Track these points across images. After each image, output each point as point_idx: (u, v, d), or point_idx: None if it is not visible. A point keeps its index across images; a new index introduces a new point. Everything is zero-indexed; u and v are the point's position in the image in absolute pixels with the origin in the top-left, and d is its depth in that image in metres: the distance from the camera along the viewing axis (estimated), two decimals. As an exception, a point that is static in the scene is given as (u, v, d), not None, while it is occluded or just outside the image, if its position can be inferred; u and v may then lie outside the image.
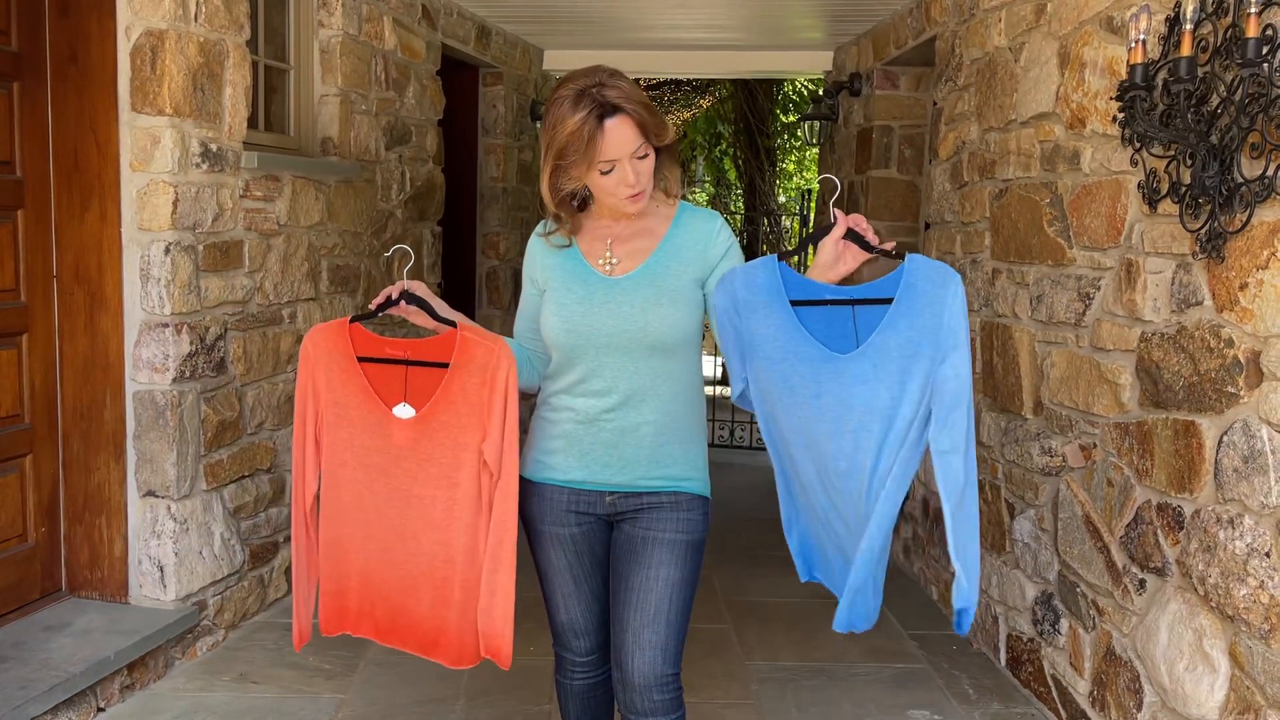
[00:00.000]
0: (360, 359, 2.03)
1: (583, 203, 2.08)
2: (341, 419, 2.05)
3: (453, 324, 2.03)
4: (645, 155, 1.94)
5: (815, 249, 1.96)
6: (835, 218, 1.91)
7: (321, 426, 2.07)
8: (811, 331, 1.87)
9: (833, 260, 1.90)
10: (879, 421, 1.82)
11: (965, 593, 1.81)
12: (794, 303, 1.88)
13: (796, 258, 2.06)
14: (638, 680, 2.03)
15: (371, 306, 2.06)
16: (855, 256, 1.90)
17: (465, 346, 1.98)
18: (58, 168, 3.18)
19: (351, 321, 2.05)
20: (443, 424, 1.99)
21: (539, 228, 2.14)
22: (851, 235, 1.89)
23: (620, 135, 1.90)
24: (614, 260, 2.05)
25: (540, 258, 2.12)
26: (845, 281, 1.93)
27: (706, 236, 2.06)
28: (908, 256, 1.83)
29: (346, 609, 2.13)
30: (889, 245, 1.90)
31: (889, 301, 1.82)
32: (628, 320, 1.99)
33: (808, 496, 2.00)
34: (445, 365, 1.98)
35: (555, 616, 2.19)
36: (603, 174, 1.94)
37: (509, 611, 1.99)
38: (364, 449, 2.04)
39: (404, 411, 2.00)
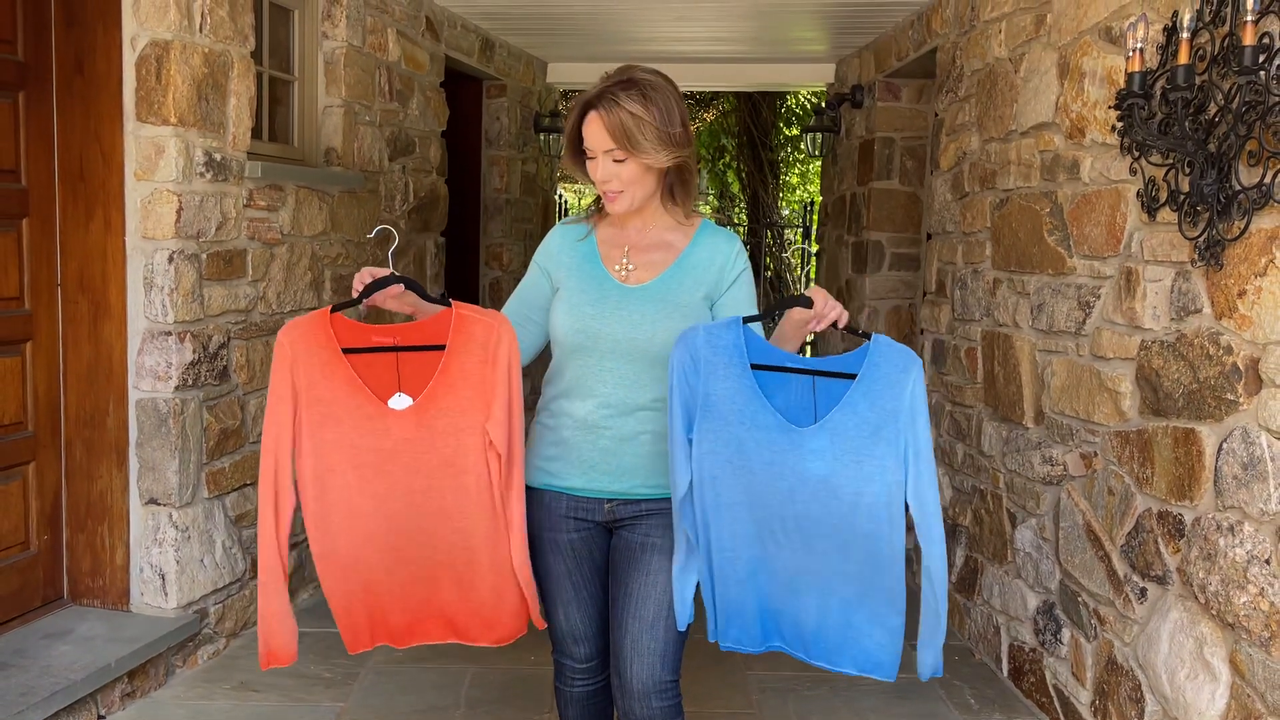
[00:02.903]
0: (345, 350, 1.89)
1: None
2: (327, 418, 1.90)
3: (447, 303, 1.93)
4: (622, 160, 1.97)
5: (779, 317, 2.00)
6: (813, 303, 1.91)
7: (302, 431, 1.91)
8: (770, 398, 1.87)
9: (797, 329, 1.98)
10: (834, 498, 1.85)
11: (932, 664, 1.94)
12: (755, 366, 1.88)
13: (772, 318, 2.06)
14: (636, 686, 2.03)
15: (355, 292, 1.94)
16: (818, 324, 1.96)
17: (463, 324, 1.89)
18: (63, 176, 3.20)
19: (332, 311, 1.91)
20: (443, 409, 1.89)
21: (566, 219, 2.20)
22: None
23: (591, 131, 1.98)
24: (630, 267, 2.07)
25: (558, 253, 2.13)
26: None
27: (725, 258, 2.08)
28: (874, 337, 1.87)
29: (359, 625, 2.03)
30: (848, 324, 1.94)
31: (851, 376, 1.85)
32: (637, 329, 2.00)
33: (741, 544, 1.94)
34: (440, 348, 1.89)
35: (554, 623, 2.18)
36: (588, 159, 2.02)
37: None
38: (354, 449, 1.90)
39: (400, 402, 1.89)
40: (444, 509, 1.93)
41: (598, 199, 2.13)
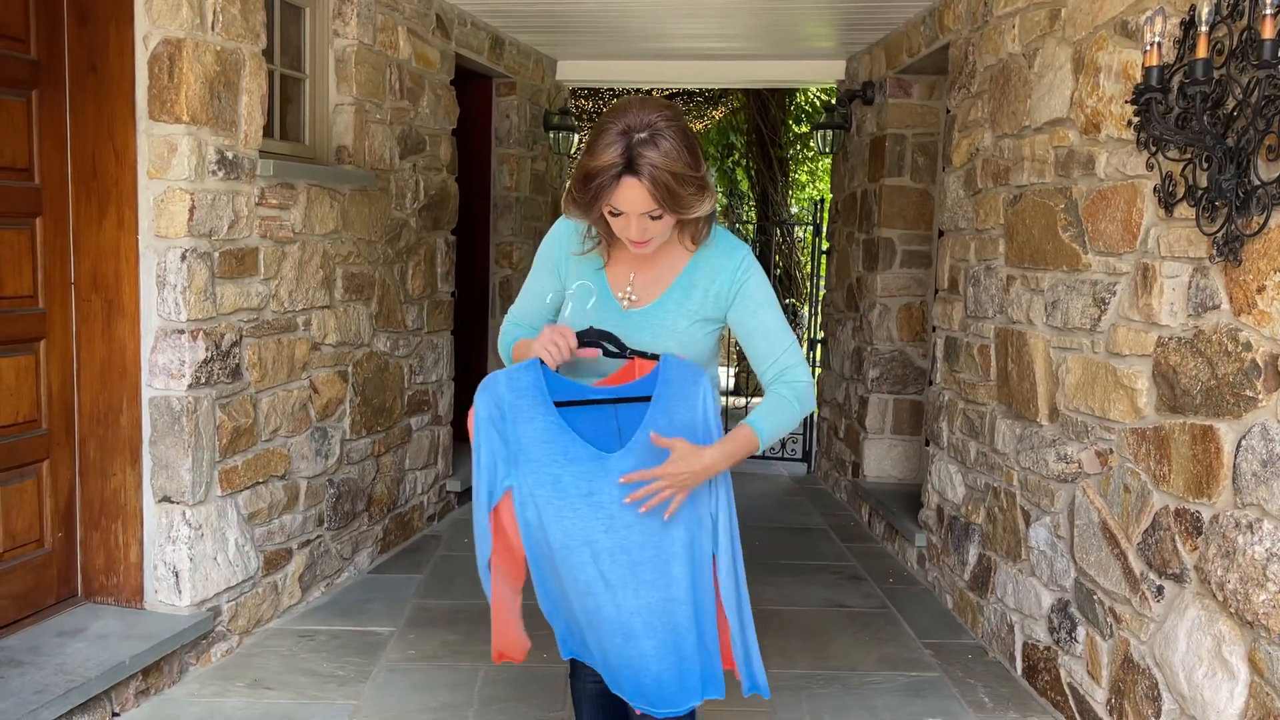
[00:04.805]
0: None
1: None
2: None
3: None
4: (659, 216, 1.90)
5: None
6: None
7: None
8: (579, 432, 1.92)
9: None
10: (649, 514, 1.92)
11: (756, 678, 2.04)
12: (558, 404, 1.92)
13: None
14: (650, 684, 2.03)
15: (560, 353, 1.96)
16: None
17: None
18: (76, 175, 3.20)
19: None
20: None
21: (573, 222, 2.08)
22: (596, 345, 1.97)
23: (632, 195, 1.86)
24: (634, 295, 2.06)
25: (571, 257, 2.10)
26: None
27: (728, 272, 2.05)
28: (662, 357, 1.94)
29: None
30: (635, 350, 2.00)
31: (648, 399, 1.93)
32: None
33: (575, 593, 1.97)
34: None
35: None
36: (612, 214, 1.93)
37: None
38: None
39: None
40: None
41: (591, 228, 2.06)
